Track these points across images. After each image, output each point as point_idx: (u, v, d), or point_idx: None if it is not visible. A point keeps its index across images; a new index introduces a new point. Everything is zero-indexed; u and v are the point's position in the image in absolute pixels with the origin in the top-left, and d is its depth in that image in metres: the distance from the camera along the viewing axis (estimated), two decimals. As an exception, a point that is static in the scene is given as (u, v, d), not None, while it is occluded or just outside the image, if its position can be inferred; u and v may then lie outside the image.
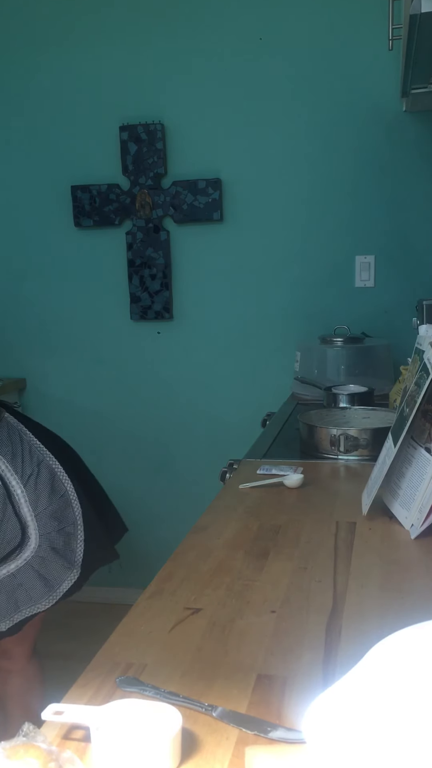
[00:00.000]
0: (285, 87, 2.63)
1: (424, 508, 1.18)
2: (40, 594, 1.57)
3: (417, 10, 1.32)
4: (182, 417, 2.91)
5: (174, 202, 2.76)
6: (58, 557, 1.61)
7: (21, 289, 2.99)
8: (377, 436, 1.62)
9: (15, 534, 1.58)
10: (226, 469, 1.65)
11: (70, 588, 1.60)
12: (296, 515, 1.33)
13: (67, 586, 1.59)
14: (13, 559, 1.57)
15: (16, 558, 1.57)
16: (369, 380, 2.31)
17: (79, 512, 1.67)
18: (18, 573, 1.56)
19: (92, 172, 2.82)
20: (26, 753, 0.64)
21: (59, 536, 1.63)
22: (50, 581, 1.58)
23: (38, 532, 1.60)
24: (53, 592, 1.58)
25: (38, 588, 1.57)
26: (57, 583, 1.59)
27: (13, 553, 1.57)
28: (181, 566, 1.11)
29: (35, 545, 1.59)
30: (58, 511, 1.65)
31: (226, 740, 0.70)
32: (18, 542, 1.57)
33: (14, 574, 1.56)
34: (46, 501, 1.63)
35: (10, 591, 1.55)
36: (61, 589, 1.59)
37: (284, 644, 0.88)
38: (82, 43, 2.74)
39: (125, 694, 0.78)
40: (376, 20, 2.40)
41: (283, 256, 2.73)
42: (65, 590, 1.59)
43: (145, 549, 2.88)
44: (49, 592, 1.58)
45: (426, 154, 2.56)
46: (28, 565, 1.57)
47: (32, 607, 1.56)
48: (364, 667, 0.64)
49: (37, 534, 1.60)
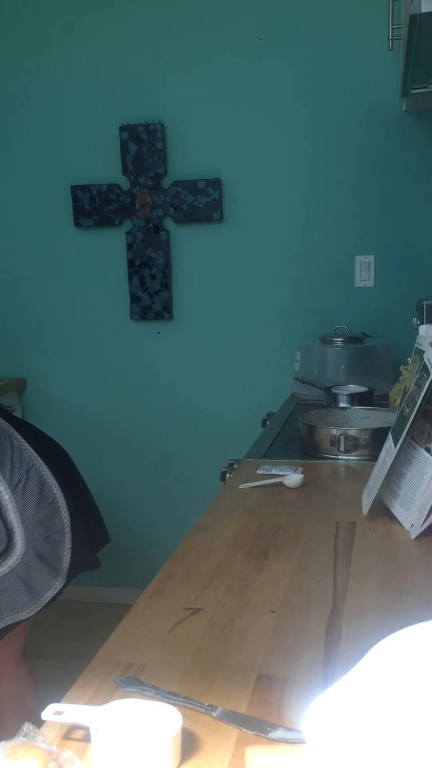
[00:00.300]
0: (285, 87, 2.63)
1: (424, 508, 1.18)
2: (24, 601, 1.55)
3: (417, 10, 1.32)
4: (182, 417, 2.91)
5: (174, 202, 2.76)
6: (44, 565, 1.59)
7: (21, 289, 2.99)
8: (377, 436, 1.62)
9: (1, 540, 1.57)
10: (226, 469, 1.65)
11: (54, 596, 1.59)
12: (296, 515, 1.33)
13: (51, 594, 1.57)
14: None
15: (1, 565, 1.56)
16: (369, 380, 2.31)
17: (68, 520, 1.65)
18: (2, 580, 1.54)
19: (92, 172, 2.82)
20: (26, 753, 0.64)
21: (46, 543, 1.61)
22: (35, 589, 1.57)
23: (25, 539, 1.58)
24: (37, 600, 1.56)
25: (22, 595, 1.55)
26: (41, 591, 1.57)
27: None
28: (181, 566, 1.11)
29: (21, 552, 1.57)
30: (46, 518, 1.63)
31: (226, 740, 0.70)
32: (3, 548, 1.56)
33: None
34: (33, 508, 1.61)
35: None
36: (45, 597, 1.57)
37: (284, 644, 0.88)
38: (82, 43, 2.74)
39: (125, 694, 0.78)
40: (376, 20, 2.40)
41: (283, 256, 2.73)
42: (49, 598, 1.57)
43: (145, 549, 2.88)
44: (33, 600, 1.56)
45: (426, 154, 2.56)
46: (13, 572, 1.55)
47: (15, 615, 1.54)
48: (364, 667, 0.64)
49: (24, 541, 1.58)
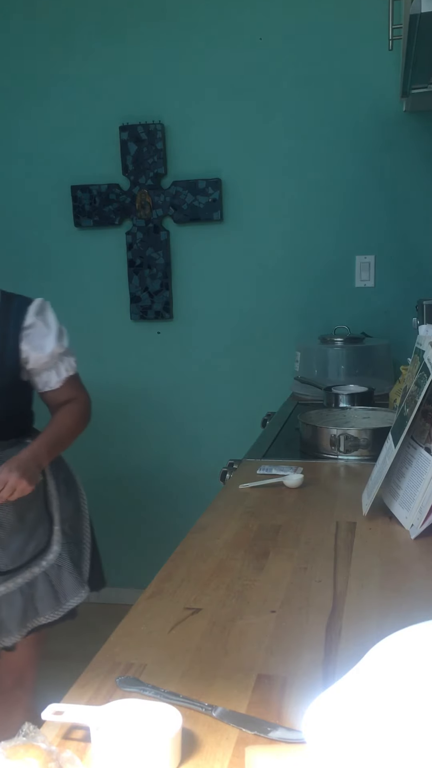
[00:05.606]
0: (285, 87, 2.62)
1: (424, 508, 1.18)
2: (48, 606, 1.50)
3: (417, 10, 1.32)
4: (182, 417, 2.91)
5: (174, 202, 2.76)
6: (74, 570, 1.54)
7: (21, 289, 2.98)
8: (377, 436, 1.62)
9: (44, 533, 1.52)
10: (226, 469, 1.65)
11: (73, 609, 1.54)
12: (296, 515, 1.33)
13: (75, 603, 1.53)
14: (36, 563, 1.51)
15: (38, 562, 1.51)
16: (369, 380, 2.31)
17: (89, 531, 1.63)
18: (34, 581, 1.50)
19: (92, 172, 2.82)
20: (26, 753, 0.64)
21: (75, 549, 1.58)
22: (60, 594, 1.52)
23: (61, 539, 1.55)
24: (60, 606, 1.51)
25: (48, 599, 1.50)
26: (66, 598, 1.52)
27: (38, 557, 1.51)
28: (181, 566, 1.11)
29: (57, 551, 1.53)
30: (75, 521, 1.60)
31: (226, 740, 0.70)
32: (44, 545, 1.52)
33: (31, 582, 1.50)
34: (70, 510, 1.59)
35: (28, 599, 1.48)
36: (68, 605, 1.52)
37: (284, 644, 0.88)
38: (83, 43, 2.74)
39: (125, 694, 0.78)
40: (376, 20, 2.40)
41: (283, 256, 2.73)
42: (73, 606, 1.53)
43: (145, 549, 2.88)
44: (57, 606, 1.51)
45: (426, 154, 2.56)
46: (45, 574, 1.51)
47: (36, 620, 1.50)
48: (363, 667, 0.64)
49: (60, 540, 1.54)
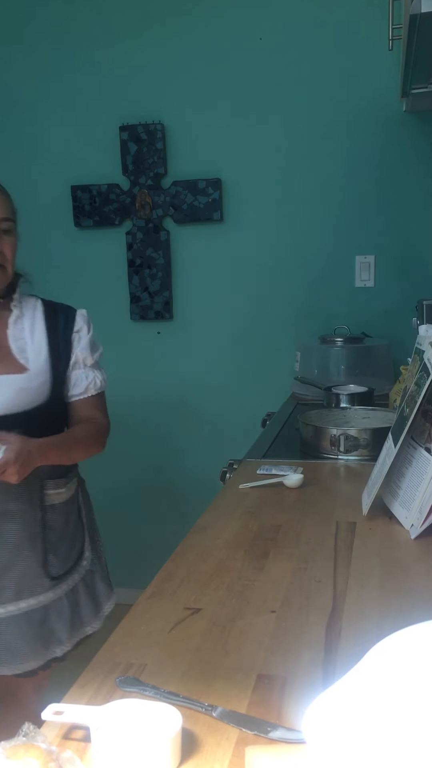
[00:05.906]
0: (285, 87, 2.62)
1: (424, 508, 1.18)
2: (89, 612, 1.43)
3: (417, 10, 1.32)
4: (182, 417, 2.91)
5: (174, 202, 2.76)
6: (104, 574, 1.49)
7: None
8: (377, 436, 1.62)
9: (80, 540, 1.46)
10: (226, 469, 1.65)
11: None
12: (296, 515, 1.33)
13: (108, 609, 1.46)
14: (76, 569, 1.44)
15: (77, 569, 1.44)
16: (369, 380, 2.31)
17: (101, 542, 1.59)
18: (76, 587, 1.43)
19: (92, 172, 2.82)
20: (26, 753, 0.64)
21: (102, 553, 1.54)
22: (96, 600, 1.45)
23: (89, 544, 1.49)
24: (99, 611, 1.45)
25: (88, 606, 1.43)
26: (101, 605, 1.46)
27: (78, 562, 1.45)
28: (181, 566, 1.11)
29: (89, 557, 1.48)
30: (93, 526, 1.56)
31: (226, 740, 0.70)
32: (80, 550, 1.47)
33: (74, 588, 1.42)
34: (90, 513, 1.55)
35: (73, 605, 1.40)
36: (103, 612, 1.46)
37: (284, 644, 0.88)
38: (82, 43, 2.74)
39: (125, 694, 0.78)
40: (376, 20, 2.40)
41: (283, 256, 2.73)
42: (107, 613, 1.46)
43: (145, 549, 2.88)
44: (97, 612, 1.45)
45: (426, 154, 2.56)
46: (83, 580, 1.45)
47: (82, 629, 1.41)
48: (363, 667, 0.64)
49: (89, 546, 1.49)
